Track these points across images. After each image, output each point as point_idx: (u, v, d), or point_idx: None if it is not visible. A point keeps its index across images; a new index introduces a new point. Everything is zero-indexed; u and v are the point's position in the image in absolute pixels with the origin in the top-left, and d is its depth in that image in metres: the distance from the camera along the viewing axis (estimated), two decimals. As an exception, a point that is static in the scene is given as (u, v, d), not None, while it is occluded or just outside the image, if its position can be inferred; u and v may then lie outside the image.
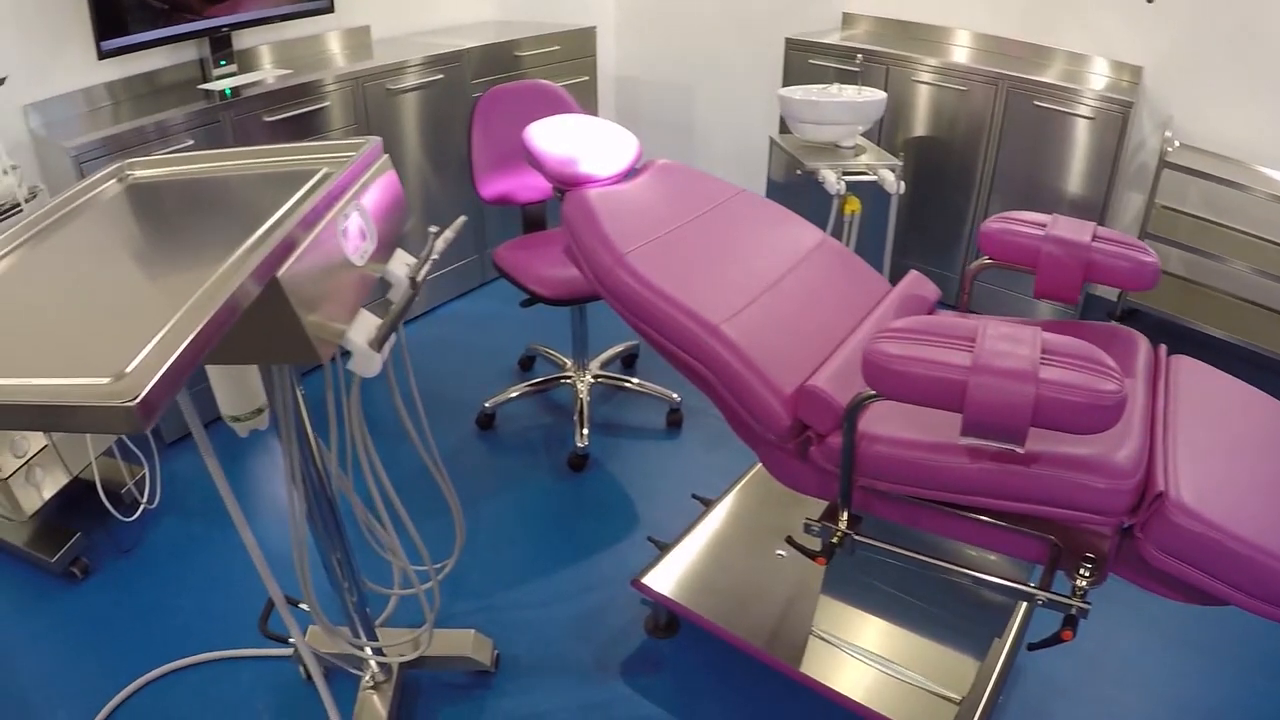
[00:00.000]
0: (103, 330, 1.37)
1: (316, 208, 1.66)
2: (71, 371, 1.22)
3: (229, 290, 1.32)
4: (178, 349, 1.18)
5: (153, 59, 4.28)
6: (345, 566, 2.34)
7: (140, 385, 1.11)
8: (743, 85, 5.94)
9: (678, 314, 2.15)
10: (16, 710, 2.88)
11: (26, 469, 3.47)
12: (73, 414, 1.13)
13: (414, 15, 5.47)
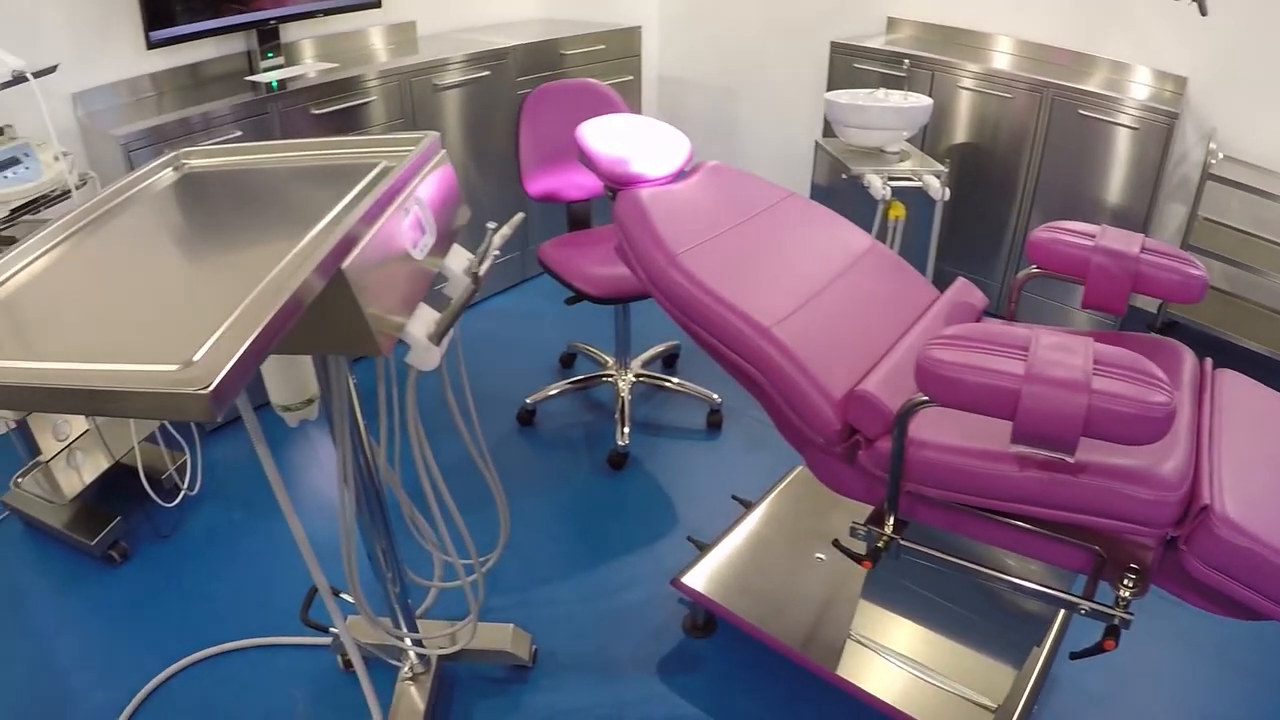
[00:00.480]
0: (167, 317, 1.38)
1: (380, 201, 1.67)
2: (139, 357, 1.24)
3: (297, 281, 1.33)
4: (248, 339, 1.20)
5: (199, 50, 4.32)
6: (390, 557, 2.35)
7: (213, 373, 1.12)
8: (786, 87, 5.91)
9: (730, 315, 2.16)
10: (54, 690, 2.91)
11: (68, 453, 3.50)
12: (146, 400, 1.14)
13: (459, 11, 5.49)
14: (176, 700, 2.84)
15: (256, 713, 2.76)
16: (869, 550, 2.10)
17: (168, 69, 4.23)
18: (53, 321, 1.45)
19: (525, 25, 5.56)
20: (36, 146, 3.06)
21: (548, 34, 5.07)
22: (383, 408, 2.23)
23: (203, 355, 1.22)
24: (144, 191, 2.08)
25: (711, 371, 4.18)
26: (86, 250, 1.76)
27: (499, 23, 5.70)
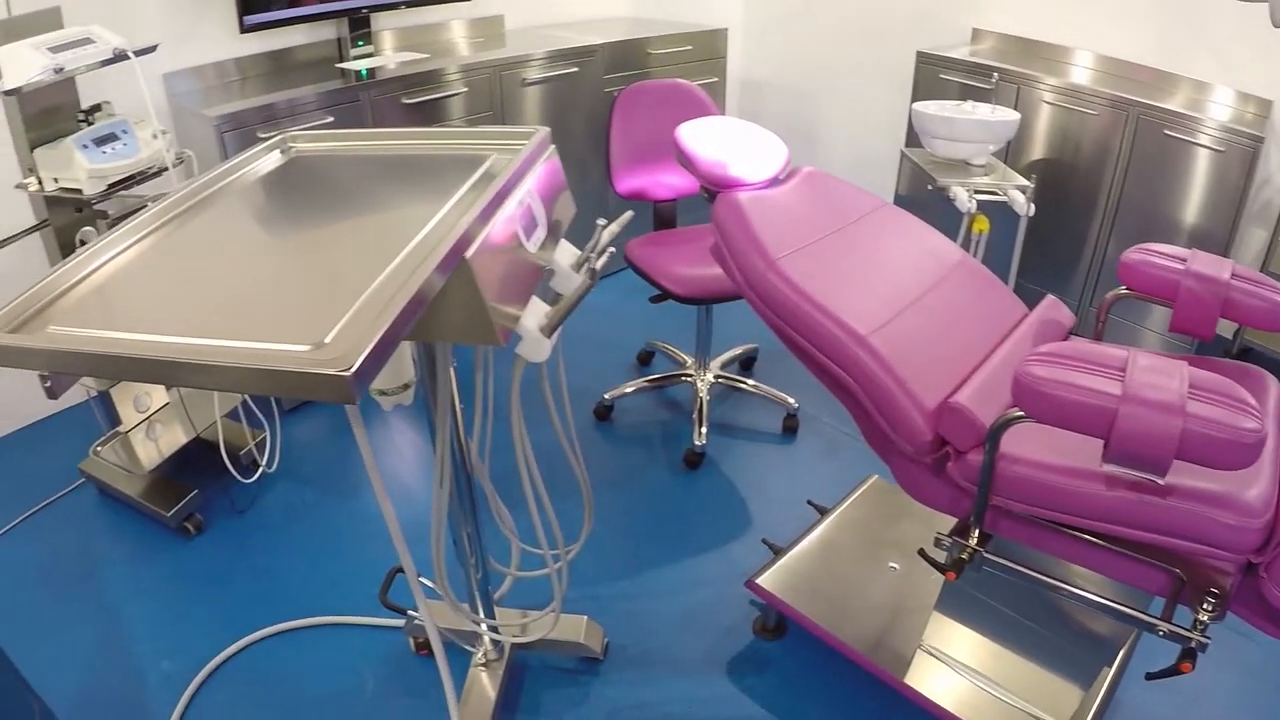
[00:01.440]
0: (292, 298, 1.43)
1: (499, 193, 1.71)
2: (272, 337, 1.29)
3: (428, 269, 1.37)
4: (384, 324, 1.24)
5: (290, 36, 4.40)
6: (475, 543, 2.39)
7: (352, 356, 1.16)
8: (868, 95, 5.91)
9: (827, 322, 2.18)
10: (124, 658, 2.98)
11: (147, 424, 3.58)
12: (287, 379, 1.19)
13: (546, 6, 5.55)
14: (245, 673, 2.90)
15: (325, 690, 2.82)
16: (952, 561, 2.12)
17: (257, 53, 4.31)
18: (181, 297, 1.50)
19: (611, 23, 5.61)
20: (135, 124, 3.13)
21: (635, 33, 5.12)
22: (479, 396, 2.28)
23: (333, 338, 1.27)
24: (252, 173, 2.14)
25: (788, 376, 4.20)
26: (202, 228, 1.82)
27: (584, 19, 5.75)
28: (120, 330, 1.38)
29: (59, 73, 2.84)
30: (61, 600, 3.25)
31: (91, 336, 1.37)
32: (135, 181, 3.11)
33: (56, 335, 1.41)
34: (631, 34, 5.04)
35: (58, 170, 3.03)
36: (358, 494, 3.70)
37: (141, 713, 2.80)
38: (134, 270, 1.64)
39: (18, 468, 4.01)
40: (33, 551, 3.50)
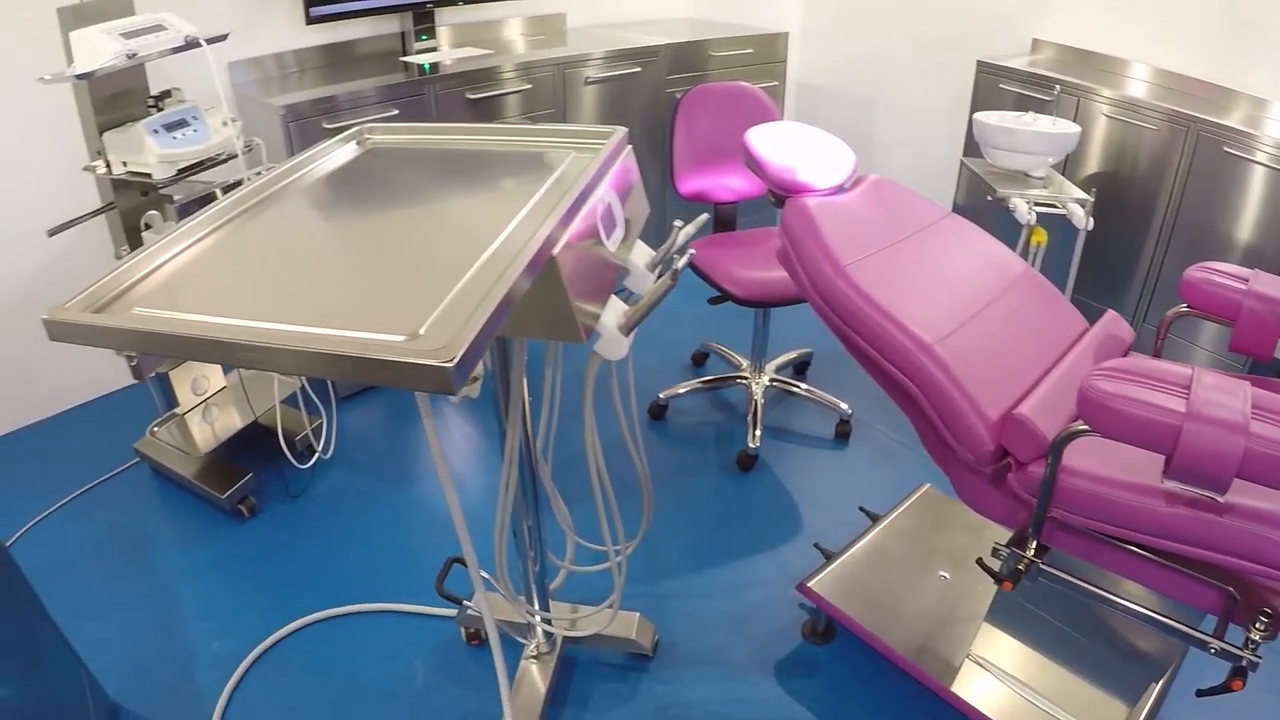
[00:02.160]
0: (382, 288, 1.47)
1: (583, 192, 1.75)
2: (367, 325, 1.32)
3: (520, 265, 1.41)
4: (483, 317, 1.28)
5: (354, 29, 4.48)
6: (534, 536, 2.44)
7: (454, 349, 1.20)
8: (926, 102, 5.91)
9: (894, 330, 2.21)
10: (174, 636, 3.05)
11: (204, 407, 3.64)
12: (390, 368, 1.22)
13: (606, 6, 5.59)
14: (295, 656, 2.96)
15: (375, 676, 2.87)
16: (1010, 571, 2.15)
17: (321, 45, 4.39)
18: (267, 284, 1.54)
19: (670, 23, 5.65)
20: (205, 110, 3.18)
21: (695, 34, 5.15)
22: (547, 392, 2.32)
23: (428, 329, 1.30)
24: (330, 163, 2.19)
25: (842, 382, 4.23)
26: (282, 216, 1.86)
27: (643, 19, 5.80)
28: (209, 314, 1.42)
29: (131, 58, 2.90)
30: (113, 577, 3.32)
31: (184, 319, 1.41)
32: (204, 168, 3.16)
33: (146, 317, 1.44)
34: (692, 35, 5.08)
35: (127, 154, 3.09)
36: (411, 483, 3.75)
37: (190, 691, 2.86)
38: (216, 256, 1.68)
39: (72, 445, 4.09)
40: (85, 528, 3.57)
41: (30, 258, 4.05)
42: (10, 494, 3.75)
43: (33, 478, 3.90)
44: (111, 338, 1.42)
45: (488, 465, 3.82)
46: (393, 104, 3.95)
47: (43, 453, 4.10)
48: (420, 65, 4.34)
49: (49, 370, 4.28)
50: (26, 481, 3.86)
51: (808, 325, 4.72)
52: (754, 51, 5.19)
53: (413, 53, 4.65)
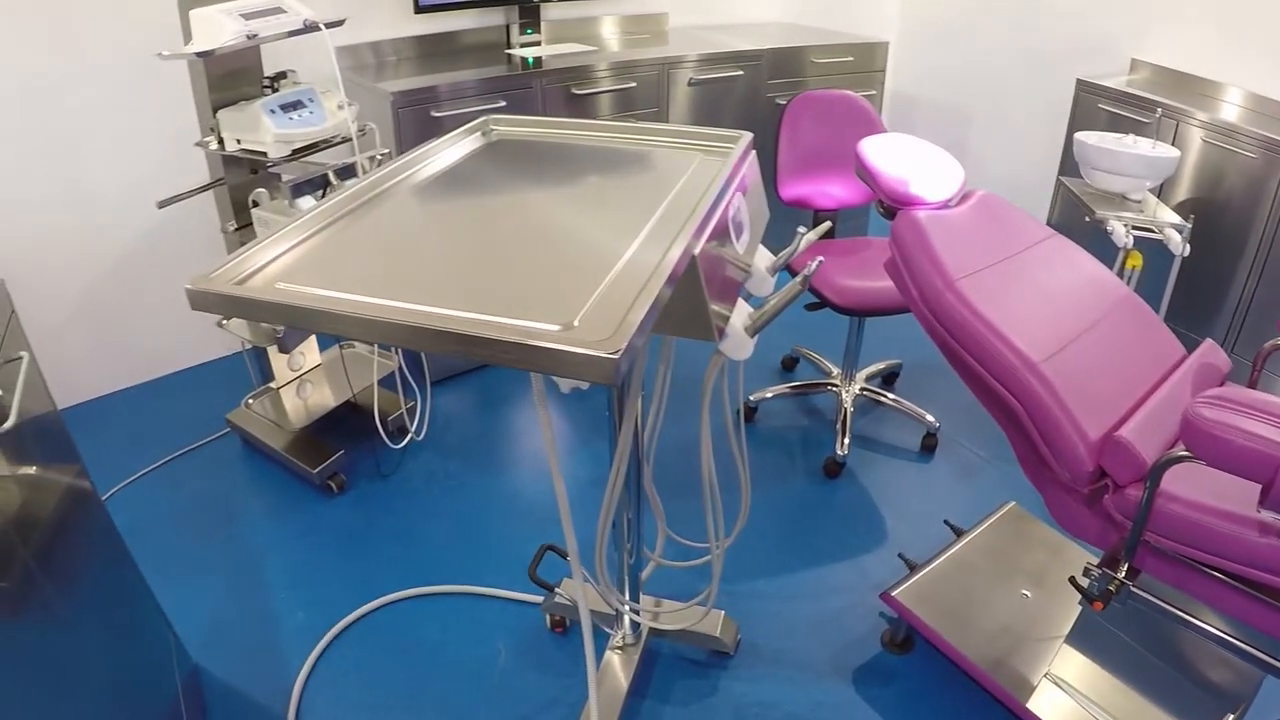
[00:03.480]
0: (528, 278, 1.53)
1: (719, 194, 1.82)
2: (518, 313, 1.38)
3: (671, 262, 1.48)
4: (642, 312, 1.34)
5: (460, 19, 4.59)
6: (633, 528, 2.50)
7: (618, 341, 1.26)
8: (1022, 118, 5.92)
9: (1002, 346, 2.26)
10: (258, 604, 3.15)
11: (299, 383, 3.73)
12: (553, 357, 1.28)
13: (710, 8, 5.66)
14: (378, 632, 3.04)
15: (458, 657, 2.94)
16: (1100, 592, 2.19)
17: (421, 35, 4.50)
18: (408, 267, 1.60)
19: (768, 28, 5.70)
20: (321, 94, 3.27)
21: (793, 40, 5.19)
22: (659, 389, 2.39)
23: (581, 321, 1.36)
24: (458, 152, 2.27)
25: (929, 395, 4.26)
26: (415, 202, 1.94)
27: (742, 23, 5.85)
28: (353, 293, 1.48)
29: (251, 39, 2.99)
30: (199, 542, 3.44)
31: (334, 297, 1.47)
32: (317, 149, 3.26)
33: (294, 292, 1.50)
34: (792, 41, 5.12)
35: (242, 132, 3.19)
36: (499, 469, 3.83)
37: (273, 658, 2.95)
38: (354, 237, 1.75)
39: (165, 411, 4.22)
40: (174, 493, 3.69)
41: (129, 228, 4.17)
42: (103, 454, 3.87)
43: (125, 440, 4.02)
44: (258, 310, 1.48)
45: (578, 456, 3.90)
46: (499, 96, 4.03)
47: (136, 416, 4.22)
48: (524, 59, 4.42)
49: (145, 337, 4.41)
50: (119, 443, 3.98)
51: (898, 336, 4.76)
52: (854, 60, 5.22)
53: (517, 46, 4.73)
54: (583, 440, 3.99)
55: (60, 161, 3.92)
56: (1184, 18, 4.95)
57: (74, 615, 1.80)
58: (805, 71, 5.07)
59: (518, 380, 4.48)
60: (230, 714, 2.78)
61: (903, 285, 2.51)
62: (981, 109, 6.21)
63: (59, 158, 3.91)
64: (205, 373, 4.62)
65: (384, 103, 3.82)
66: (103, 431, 4.07)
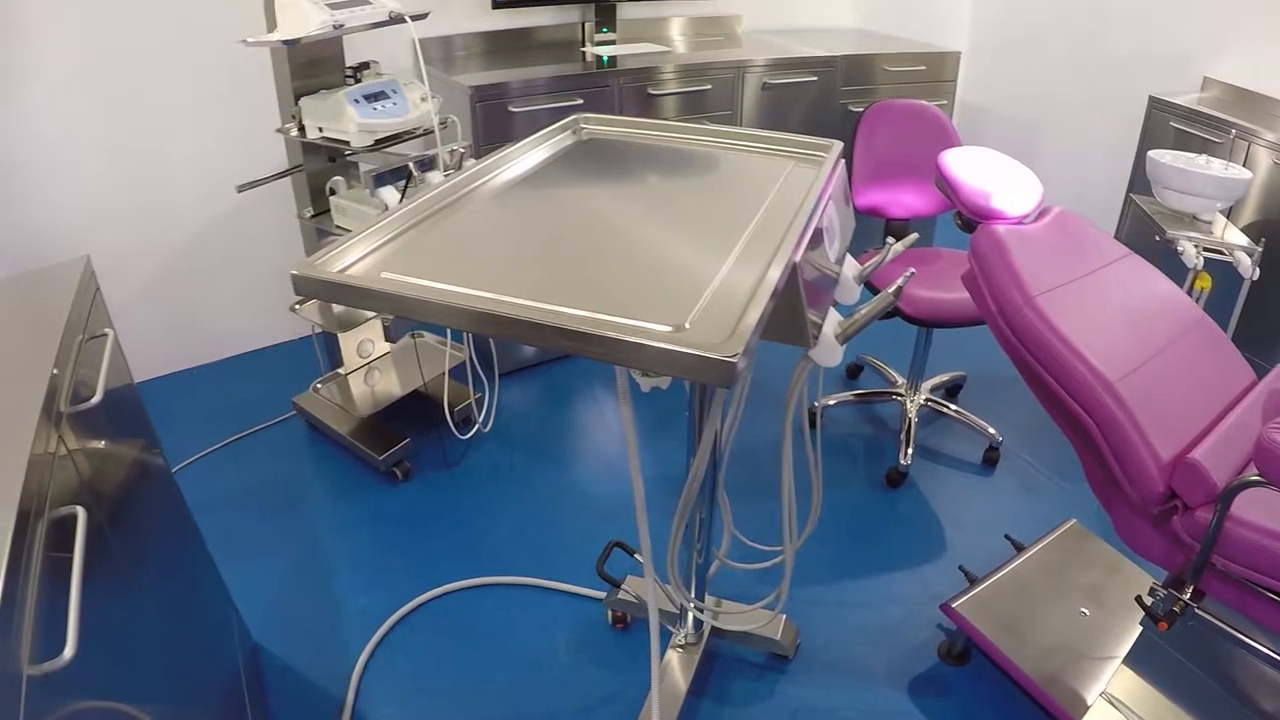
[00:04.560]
0: (634, 278, 1.57)
1: (815, 202, 1.86)
2: (628, 313, 1.42)
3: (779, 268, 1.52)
4: (755, 316, 1.37)
5: (536, 16, 4.66)
6: (704, 528, 2.55)
7: (734, 345, 1.29)
8: (1090, 132, 5.91)
9: (1078, 363, 2.28)
10: (319, 587, 3.22)
11: (367, 370, 3.79)
12: (670, 357, 1.31)
13: (782, 12, 5.70)
14: (439, 620, 3.10)
15: (518, 647, 3.00)
16: (1165, 612, 2.22)
17: (494, 30, 4.59)
18: (512, 262, 1.64)
19: (839, 34, 5.72)
20: (404, 85, 3.33)
21: (865, 47, 5.21)
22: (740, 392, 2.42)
23: (693, 323, 1.39)
24: (548, 149, 2.32)
25: (992, 409, 4.27)
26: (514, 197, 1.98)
27: (814, 28, 5.88)
28: (458, 285, 1.52)
29: (337, 29, 3.05)
30: (262, 523, 3.52)
31: (442, 289, 1.51)
32: (398, 140, 3.31)
33: (400, 283, 1.55)
34: (864, 48, 5.14)
35: (325, 120, 3.25)
36: (564, 463, 3.89)
37: (334, 641, 3.02)
38: (450, 231, 1.79)
39: (232, 392, 4.31)
40: (238, 473, 3.78)
41: (204, 211, 4.26)
42: (169, 432, 3.96)
43: (192, 418, 4.11)
44: (366, 299, 1.52)
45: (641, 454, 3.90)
46: (576, 93, 4.08)
47: (203, 396, 4.31)
48: (599, 57, 4.47)
49: (213, 317, 4.50)
50: (186, 421, 4.07)
51: (963, 348, 4.79)
52: (926, 69, 5.23)
53: (591, 44, 4.79)
54: (644, 440, 4.03)
55: (140, 142, 4.01)
56: (1257, 36, 4.93)
57: (144, 587, 1.85)
58: (877, 79, 5.09)
59: (581, 375, 4.55)
60: (289, 694, 2.85)
61: (980, 299, 2.54)
62: (1049, 122, 6.21)
63: (138, 138, 4.00)
64: (271, 356, 4.70)
65: (462, 96, 3.89)
66: (169, 409, 4.15)
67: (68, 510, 1.48)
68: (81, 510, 1.47)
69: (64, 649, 1.24)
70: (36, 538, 1.31)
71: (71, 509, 1.48)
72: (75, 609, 1.31)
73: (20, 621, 1.17)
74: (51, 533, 1.38)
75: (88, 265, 2.16)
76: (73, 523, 1.46)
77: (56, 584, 1.32)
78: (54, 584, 1.32)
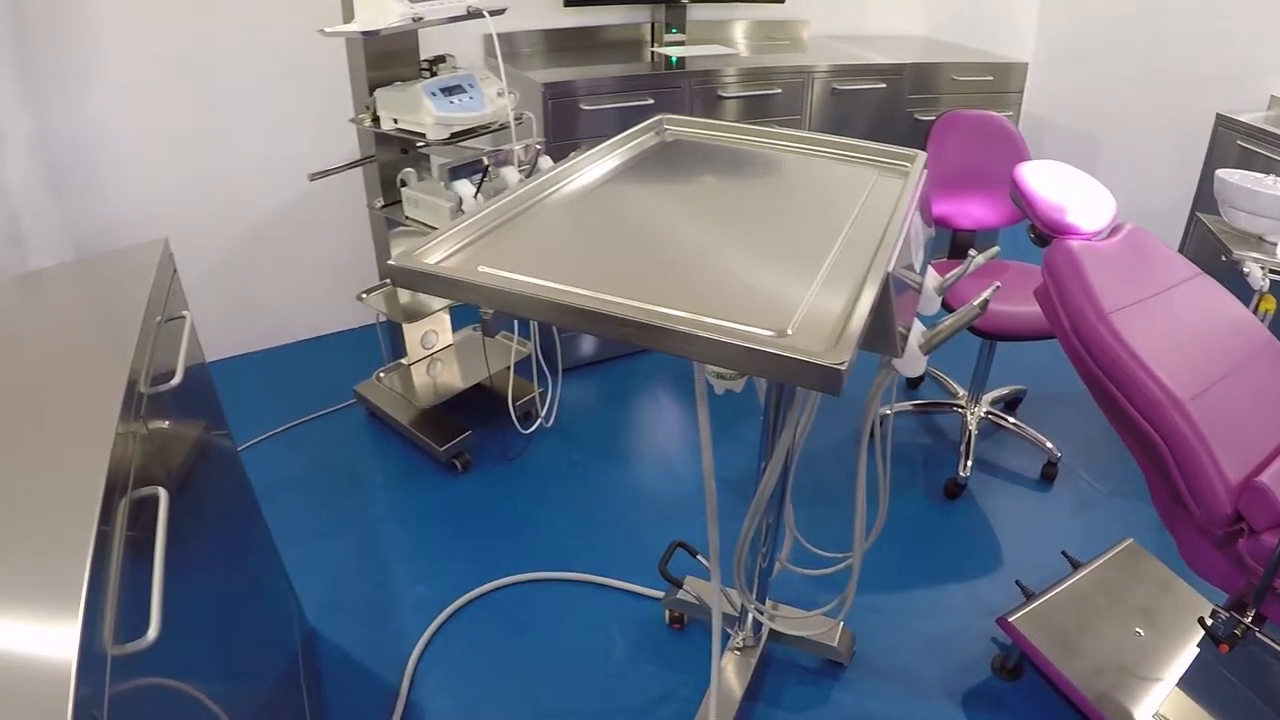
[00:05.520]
0: (733, 281, 1.60)
1: (905, 212, 1.89)
2: (730, 315, 1.45)
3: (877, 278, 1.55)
4: (858, 325, 1.40)
5: (606, 15, 4.72)
6: (771, 532, 2.58)
7: (843, 353, 1.31)
8: (1152, 148, 5.89)
9: (1149, 382, 2.30)
10: (376, 574, 3.27)
11: (429, 361, 3.84)
12: (780, 363, 1.33)
13: (851, 18, 5.72)
14: (496, 612, 3.15)
15: (574, 643, 3.04)
16: (1227, 635, 2.24)
17: (563, 27, 4.66)
18: (609, 262, 1.67)
19: (906, 41, 5.74)
20: (481, 80, 3.37)
21: (931, 55, 5.22)
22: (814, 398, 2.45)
23: (795, 330, 1.42)
24: (633, 149, 2.35)
25: (1050, 424, 4.27)
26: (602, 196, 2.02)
27: (881, 34, 5.91)
28: (556, 282, 1.55)
29: (416, 22, 3.09)
30: (320, 508, 3.58)
31: (544, 286, 1.53)
32: (473, 134, 3.36)
33: (499, 277, 1.58)
34: (930, 56, 5.15)
35: (400, 112, 3.29)
36: (624, 461, 3.93)
37: (389, 628, 3.07)
38: (539, 227, 1.83)
39: (293, 377, 4.38)
40: (297, 458, 3.85)
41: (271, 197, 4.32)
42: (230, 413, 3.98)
43: (251, 402, 4.18)
44: (463, 292, 1.56)
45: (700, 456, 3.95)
46: (647, 93, 4.11)
47: (263, 379, 4.39)
48: (668, 58, 4.51)
49: (277, 303, 4.57)
50: (245, 405, 4.14)
51: (1024, 361, 4.80)
52: (993, 79, 5.23)
53: (661, 44, 4.82)
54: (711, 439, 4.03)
55: (207, 129, 4.09)
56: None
57: (212, 567, 1.89)
58: (944, 88, 5.09)
59: (639, 374, 4.59)
60: (344, 679, 2.90)
61: (1053, 314, 2.55)
62: (1110, 136, 6.19)
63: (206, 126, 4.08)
64: (331, 343, 4.77)
65: (532, 92, 3.94)
66: (231, 391, 4.20)
67: (149, 491, 1.52)
68: (163, 491, 1.51)
69: (147, 630, 1.27)
70: (120, 517, 1.35)
71: (153, 489, 1.52)
72: (158, 589, 1.34)
73: (104, 601, 1.20)
74: (132, 512, 1.42)
75: (166, 247, 2.21)
76: (152, 503, 1.50)
77: (135, 564, 1.35)
78: (134, 564, 1.35)
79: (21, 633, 1.08)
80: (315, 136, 4.30)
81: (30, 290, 2.03)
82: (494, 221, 1.84)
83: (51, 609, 1.11)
